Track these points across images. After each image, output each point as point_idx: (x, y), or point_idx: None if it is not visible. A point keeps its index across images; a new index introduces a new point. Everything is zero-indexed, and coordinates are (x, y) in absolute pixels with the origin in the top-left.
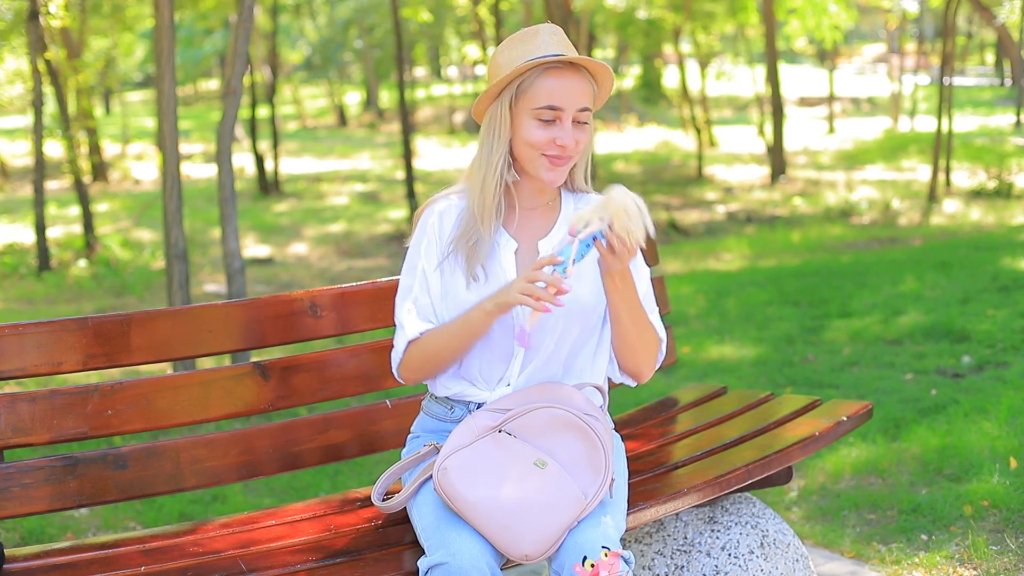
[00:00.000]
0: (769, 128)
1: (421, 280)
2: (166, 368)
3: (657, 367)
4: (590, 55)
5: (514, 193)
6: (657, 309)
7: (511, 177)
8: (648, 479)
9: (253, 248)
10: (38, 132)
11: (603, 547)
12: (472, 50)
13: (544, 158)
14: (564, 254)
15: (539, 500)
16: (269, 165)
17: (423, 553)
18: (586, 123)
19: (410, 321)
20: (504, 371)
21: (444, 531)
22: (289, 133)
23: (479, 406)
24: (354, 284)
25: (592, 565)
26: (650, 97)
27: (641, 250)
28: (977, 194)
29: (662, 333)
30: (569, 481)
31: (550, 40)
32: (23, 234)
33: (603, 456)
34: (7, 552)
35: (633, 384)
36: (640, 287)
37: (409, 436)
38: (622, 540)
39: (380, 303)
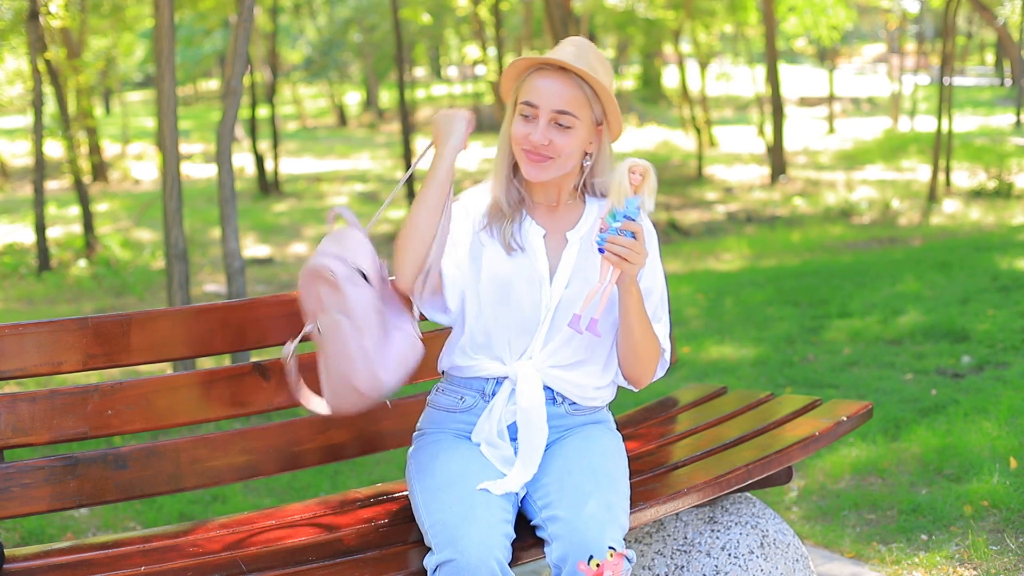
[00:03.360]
0: (769, 128)
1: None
2: (166, 368)
3: (657, 376)
4: None
5: (531, 190)
6: (667, 320)
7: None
8: (648, 479)
9: (253, 248)
10: (38, 132)
11: (609, 547)
12: (472, 50)
13: (523, 153)
14: (621, 215)
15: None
16: (269, 165)
17: (424, 552)
18: (569, 127)
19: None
20: (527, 345)
21: (452, 528)
22: (289, 133)
23: (495, 390)
24: None
25: (598, 565)
26: (650, 97)
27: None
28: (977, 194)
29: (665, 343)
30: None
31: (566, 48)
32: (23, 234)
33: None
34: (7, 552)
35: (631, 388)
36: (654, 295)
37: (416, 433)
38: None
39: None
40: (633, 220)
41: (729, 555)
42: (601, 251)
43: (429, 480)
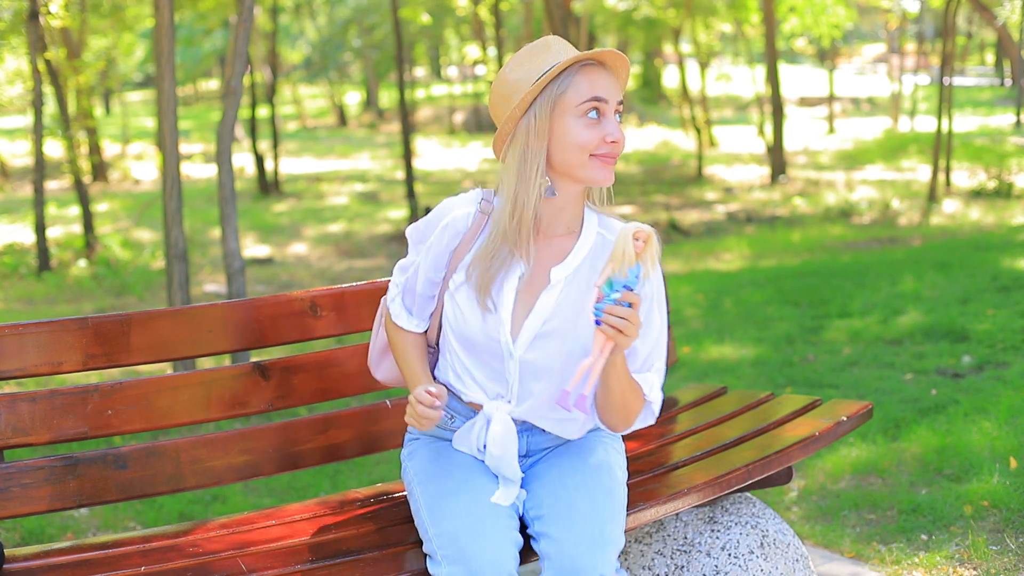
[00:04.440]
0: (769, 128)
1: (413, 273)
2: (166, 368)
3: (638, 427)
4: None
5: (544, 216)
6: (661, 367)
7: (548, 192)
8: (648, 479)
9: (253, 248)
10: (38, 132)
11: (600, 575)
12: (472, 50)
13: (595, 159)
14: (621, 285)
15: None
16: (269, 165)
17: (424, 554)
18: (621, 121)
19: (396, 308)
20: (502, 392)
21: (463, 542)
22: (289, 133)
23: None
24: (354, 284)
25: None
26: (650, 97)
27: (666, 298)
28: (977, 194)
29: (652, 394)
30: None
31: (563, 48)
32: (23, 234)
33: None
34: (7, 552)
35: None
36: (643, 351)
37: (408, 436)
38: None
39: (380, 303)
40: (632, 290)
41: (729, 555)
42: (598, 323)
43: (433, 485)
